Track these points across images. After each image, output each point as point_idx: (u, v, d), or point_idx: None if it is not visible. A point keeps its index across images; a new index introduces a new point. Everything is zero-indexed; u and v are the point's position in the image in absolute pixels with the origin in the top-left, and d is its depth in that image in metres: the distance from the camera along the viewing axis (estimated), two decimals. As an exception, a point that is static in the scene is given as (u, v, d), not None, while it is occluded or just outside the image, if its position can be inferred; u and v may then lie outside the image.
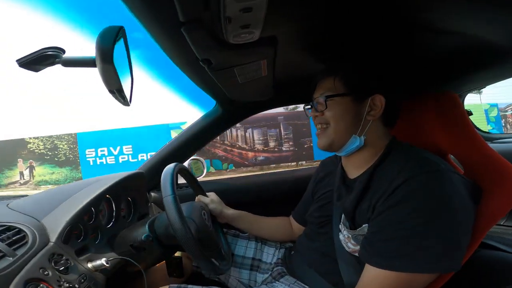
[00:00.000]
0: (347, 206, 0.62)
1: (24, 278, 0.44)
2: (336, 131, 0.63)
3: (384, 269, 0.51)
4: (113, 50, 0.34)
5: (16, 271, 0.45)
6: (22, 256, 0.47)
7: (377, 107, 0.61)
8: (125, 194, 0.83)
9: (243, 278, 0.86)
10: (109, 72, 0.34)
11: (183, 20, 0.41)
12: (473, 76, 0.86)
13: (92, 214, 0.67)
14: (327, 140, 0.65)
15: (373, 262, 0.53)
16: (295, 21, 0.52)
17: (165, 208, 0.59)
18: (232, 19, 0.43)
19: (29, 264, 0.47)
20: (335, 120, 0.63)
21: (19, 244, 0.49)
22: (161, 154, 1.03)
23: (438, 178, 0.51)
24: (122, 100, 0.41)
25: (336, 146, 0.65)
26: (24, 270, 0.46)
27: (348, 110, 0.62)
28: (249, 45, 0.53)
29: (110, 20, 4.52)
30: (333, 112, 0.63)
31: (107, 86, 0.36)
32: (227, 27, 0.45)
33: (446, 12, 0.49)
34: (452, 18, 0.51)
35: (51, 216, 0.57)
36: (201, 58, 0.56)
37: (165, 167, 0.68)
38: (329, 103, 0.63)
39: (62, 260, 0.52)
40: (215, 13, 0.41)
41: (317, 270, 0.72)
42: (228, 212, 0.88)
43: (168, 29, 0.44)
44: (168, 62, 0.63)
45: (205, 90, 0.85)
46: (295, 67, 0.81)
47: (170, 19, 0.40)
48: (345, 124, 0.62)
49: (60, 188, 0.73)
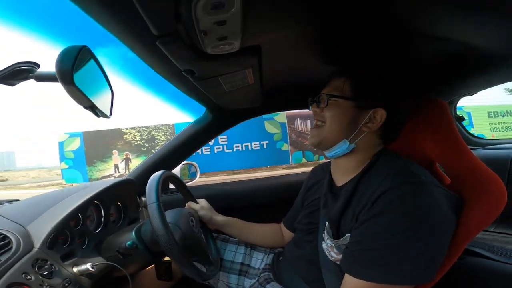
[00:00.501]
0: (332, 215, 0.62)
1: (6, 282, 0.46)
2: (329, 131, 0.63)
3: (362, 279, 0.51)
4: (72, 71, 0.34)
5: None
6: (6, 261, 0.48)
7: (376, 121, 0.60)
8: (114, 200, 0.84)
9: (232, 283, 0.87)
10: (74, 93, 0.35)
11: (156, 34, 0.41)
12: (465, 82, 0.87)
13: (79, 220, 0.69)
14: (318, 138, 0.65)
15: (352, 271, 0.53)
16: (278, 30, 0.53)
17: (150, 216, 0.60)
18: (207, 32, 0.43)
19: (12, 269, 0.48)
20: (331, 120, 0.63)
21: (3, 250, 0.50)
22: (151, 160, 1.04)
23: (418, 189, 0.51)
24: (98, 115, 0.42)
25: (324, 145, 0.65)
26: (7, 275, 0.47)
27: (346, 114, 0.62)
28: (230, 55, 0.53)
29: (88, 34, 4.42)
30: (331, 113, 0.63)
31: (78, 103, 0.38)
32: (204, 39, 0.45)
33: (438, 19, 0.49)
34: (444, 24, 0.51)
35: (36, 222, 0.58)
36: (183, 69, 0.57)
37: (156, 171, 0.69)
38: (331, 103, 0.63)
39: (46, 265, 0.53)
40: (189, 26, 0.42)
41: (303, 277, 0.73)
42: (217, 219, 0.88)
43: (144, 43, 0.45)
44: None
45: (193, 98, 0.86)
46: (283, 74, 0.82)
47: (144, 33, 0.41)
48: (339, 127, 0.62)
49: (47, 195, 0.75)
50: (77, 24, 28.95)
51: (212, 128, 1.05)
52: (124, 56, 16.76)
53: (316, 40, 0.61)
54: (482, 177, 0.58)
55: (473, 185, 0.59)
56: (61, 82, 0.34)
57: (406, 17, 0.50)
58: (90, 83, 0.38)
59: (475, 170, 0.59)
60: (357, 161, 0.64)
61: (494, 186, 0.56)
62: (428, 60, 0.68)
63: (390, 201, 0.51)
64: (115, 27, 0.40)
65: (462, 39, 0.54)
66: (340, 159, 0.66)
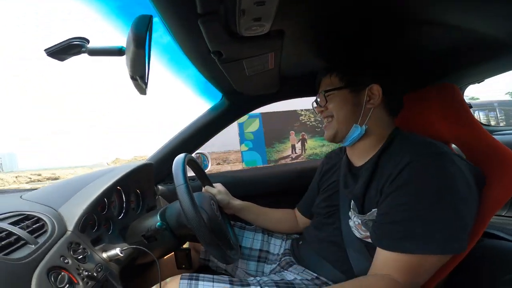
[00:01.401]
0: (356, 192, 0.63)
1: (47, 266, 0.45)
2: (338, 121, 0.67)
3: (394, 251, 0.52)
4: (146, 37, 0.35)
5: (39, 258, 0.45)
6: (44, 244, 0.47)
7: (375, 96, 0.65)
8: (134, 186, 0.84)
9: (251, 270, 0.88)
10: (140, 59, 0.35)
11: (200, 12, 0.42)
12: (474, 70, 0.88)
13: (105, 205, 0.68)
14: (332, 131, 0.69)
15: (383, 245, 0.54)
16: (301, 15, 0.54)
17: (179, 197, 0.60)
18: (246, 11, 0.44)
19: (50, 252, 0.47)
20: (336, 110, 0.68)
21: (39, 233, 0.50)
22: (169, 146, 1.04)
23: (441, 159, 0.52)
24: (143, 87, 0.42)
25: (339, 136, 0.69)
26: (46, 258, 0.46)
27: (346, 101, 0.67)
28: (258, 38, 0.55)
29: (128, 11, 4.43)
30: (334, 104, 0.68)
31: (132, 72, 0.37)
32: (241, 20, 0.46)
33: (447, 6, 0.50)
34: (453, 12, 0.52)
35: (67, 205, 0.58)
36: (212, 50, 0.57)
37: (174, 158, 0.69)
38: (329, 97, 0.69)
39: (80, 249, 0.53)
40: (230, 5, 0.42)
41: (326, 258, 0.74)
42: (234, 203, 0.89)
43: (185, 20, 0.45)
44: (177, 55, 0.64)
45: (212, 83, 0.86)
46: (300, 60, 0.82)
47: (188, 11, 0.42)
48: (345, 113, 0.67)
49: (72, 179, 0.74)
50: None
51: (228, 114, 1.06)
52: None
53: (332, 29, 0.62)
54: (501, 155, 0.60)
55: (491, 163, 0.60)
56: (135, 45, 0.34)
57: (418, 5, 0.51)
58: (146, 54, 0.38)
59: (492, 149, 0.61)
60: (373, 141, 0.66)
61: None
62: (436, 48, 0.70)
63: (415, 172, 0.52)
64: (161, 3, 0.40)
65: (471, 27, 0.55)
66: (357, 143, 0.68)
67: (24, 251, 0.44)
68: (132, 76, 0.38)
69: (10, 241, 0.44)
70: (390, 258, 0.53)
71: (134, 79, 0.39)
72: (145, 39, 0.34)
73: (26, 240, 0.46)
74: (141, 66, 0.37)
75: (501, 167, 0.59)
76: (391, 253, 0.53)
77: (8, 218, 0.50)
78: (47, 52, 0.39)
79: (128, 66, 0.37)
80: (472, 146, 0.65)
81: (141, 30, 0.35)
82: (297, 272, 0.76)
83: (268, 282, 0.68)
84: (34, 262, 0.44)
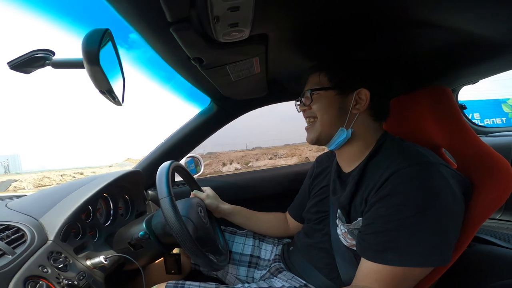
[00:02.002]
0: (343, 201, 0.63)
1: (24, 275, 0.45)
2: (322, 124, 0.65)
3: (377, 262, 0.51)
4: (98, 52, 0.34)
5: (16, 268, 0.45)
6: (21, 254, 0.48)
7: (362, 101, 0.63)
8: (122, 192, 0.84)
9: (241, 275, 0.88)
10: (97, 74, 0.35)
11: (170, 20, 0.41)
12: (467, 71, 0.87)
13: (90, 212, 0.68)
14: (315, 133, 0.66)
15: (367, 255, 0.54)
16: (285, 19, 0.53)
17: (162, 210, 0.60)
18: (220, 18, 0.43)
19: (28, 262, 0.47)
20: (321, 112, 0.65)
21: (18, 243, 0.50)
22: (157, 152, 1.04)
23: (426, 170, 0.51)
24: (113, 100, 0.42)
25: (323, 139, 0.66)
26: (23, 267, 0.46)
27: (333, 103, 0.64)
28: (239, 43, 0.54)
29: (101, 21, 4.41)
30: (318, 105, 0.65)
31: (96, 86, 0.37)
32: (216, 26, 0.46)
33: (439, 8, 0.49)
34: (446, 13, 0.51)
35: (48, 215, 0.58)
36: (192, 57, 0.56)
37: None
38: (315, 97, 0.66)
39: (61, 258, 0.53)
40: (203, 12, 0.42)
41: (315, 265, 0.73)
42: (224, 207, 0.89)
43: (157, 29, 0.44)
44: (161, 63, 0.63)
45: (199, 88, 0.85)
46: (288, 63, 0.81)
47: (158, 19, 0.41)
48: (330, 116, 0.64)
49: (57, 188, 0.74)
50: (87, 8, 27.95)
51: (217, 119, 1.05)
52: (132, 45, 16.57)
53: (318, 26, 0.61)
54: (492, 160, 0.58)
55: (482, 169, 0.59)
56: (87, 62, 0.34)
57: (410, 6, 0.50)
58: (109, 67, 0.37)
59: (483, 154, 0.60)
60: (360, 146, 0.65)
61: (503, 170, 0.56)
62: (429, 49, 0.69)
63: (399, 183, 0.51)
64: (129, 14, 0.40)
65: (465, 28, 0.54)
66: (343, 148, 0.67)
67: (1, 262, 0.45)
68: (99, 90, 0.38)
69: None
70: (372, 269, 0.52)
71: (102, 92, 0.39)
72: (97, 55, 0.34)
73: (4, 250, 0.47)
74: (103, 81, 0.36)
75: (491, 174, 0.57)
76: (373, 263, 0.52)
77: None
78: (10, 65, 0.39)
79: (92, 81, 0.36)
80: (462, 151, 0.64)
81: (92, 46, 0.34)
82: (286, 279, 0.76)
83: None
84: (11, 272, 0.44)
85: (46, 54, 0.39)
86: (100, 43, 0.35)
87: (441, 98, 0.67)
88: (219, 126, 1.06)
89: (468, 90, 0.96)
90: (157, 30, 0.44)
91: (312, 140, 0.68)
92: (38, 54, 0.39)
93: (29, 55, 0.39)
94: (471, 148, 0.62)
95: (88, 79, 0.35)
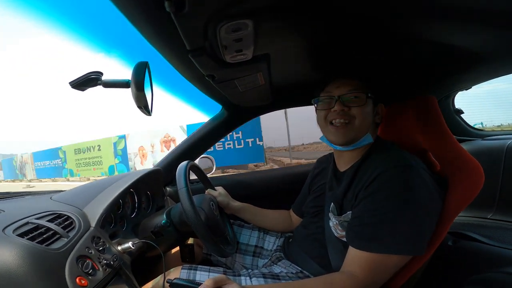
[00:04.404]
0: (336, 196, 0.72)
1: (76, 255, 0.54)
2: (360, 127, 0.70)
3: (362, 250, 0.60)
4: (143, 80, 0.45)
5: (70, 249, 0.54)
6: (73, 237, 0.58)
7: (379, 115, 0.75)
8: (145, 189, 0.96)
9: (247, 263, 0.98)
10: (140, 97, 0.46)
11: (189, 48, 0.52)
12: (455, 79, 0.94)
13: (120, 205, 0.80)
14: (350, 134, 0.70)
15: (354, 244, 0.62)
16: (282, 42, 0.63)
17: (180, 198, 0.71)
18: (227, 46, 0.54)
19: (78, 244, 0.57)
20: (363, 117, 0.70)
21: (70, 228, 0.60)
22: (175, 153, 1.16)
23: (407, 171, 0.61)
24: (147, 113, 0.53)
25: (355, 141, 0.71)
26: (75, 248, 0.55)
27: (371, 110, 0.72)
28: (244, 63, 0.64)
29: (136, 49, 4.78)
30: (361, 110, 0.69)
31: (137, 104, 0.49)
32: (224, 52, 0.56)
33: (425, 25, 0.57)
34: (430, 29, 0.59)
35: (90, 205, 0.70)
36: (206, 74, 0.67)
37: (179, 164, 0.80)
38: (356, 101, 0.70)
39: (100, 242, 0.64)
40: (214, 42, 0.53)
41: (309, 254, 0.82)
42: (234, 204, 0.99)
43: (179, 55, 0.56)
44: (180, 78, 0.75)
45: (212, 98, 0.97)
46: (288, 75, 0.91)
47: (180, 48, 0.52)
48: (368, 123, 0.72)
49: (95, 183, 0.87)
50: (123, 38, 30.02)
51: (228, 123, 1.17)
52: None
53: (315, 47, 0.69)
54: (464, 162, 0.67)
55: (456, 170, 0.67)
56: (136, 89, 0.45)
57: (400, 25, 0.58)
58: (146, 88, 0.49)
59: (460, 157, 0.68)
60: (359, 149, 0.74)
61: (474, 170, 0.65)
62: (420, 61, 0.76)
63: (384, 181, 0.61)
64: (158, 43, 0.51)
65: (447, 42, 0.62)
66: (347, 150, 0.75)
67: (59, 243, 0.55)
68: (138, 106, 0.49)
69: (49, 235, 0.55)
70: (357, 255, 0.61)
71: (140, 107, 0.50)
72: (142, 83, 0.45)
73: (61, 234, 0.57)
74: (143, 100, 0.47)
75: (464, 173, 0.66)
76: (358, 251, 0.61)
77: (44, 216, 0.61)
78: (71, 84, 0.49)
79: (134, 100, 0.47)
80: (442, 155, 0.72)
81: (139, 75, 0.45)
82: (284, 266, 0.85)
83: (257, 274, 0.77)
84: (67, 251, 0.54)
85: (97, 75, 0.49)
86: (144, 73, 0.46)
87: (425, 107, 0.75)
88: (230, 129, 1.18)
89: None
90: (179, 55, 0.56)
91: (348, 140, 0.70)
92: (92, 75, 0.49)
93: (85, 77, 0.49)
94: (449, 151, 0.70)
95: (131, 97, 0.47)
